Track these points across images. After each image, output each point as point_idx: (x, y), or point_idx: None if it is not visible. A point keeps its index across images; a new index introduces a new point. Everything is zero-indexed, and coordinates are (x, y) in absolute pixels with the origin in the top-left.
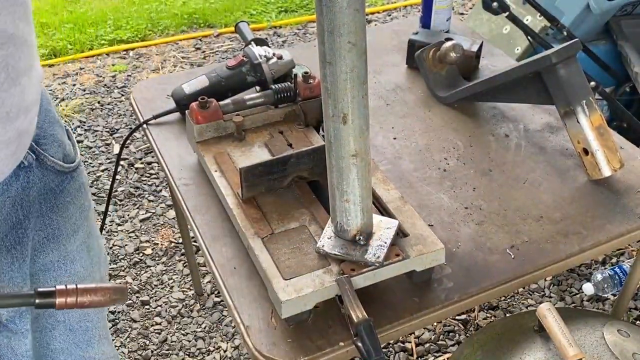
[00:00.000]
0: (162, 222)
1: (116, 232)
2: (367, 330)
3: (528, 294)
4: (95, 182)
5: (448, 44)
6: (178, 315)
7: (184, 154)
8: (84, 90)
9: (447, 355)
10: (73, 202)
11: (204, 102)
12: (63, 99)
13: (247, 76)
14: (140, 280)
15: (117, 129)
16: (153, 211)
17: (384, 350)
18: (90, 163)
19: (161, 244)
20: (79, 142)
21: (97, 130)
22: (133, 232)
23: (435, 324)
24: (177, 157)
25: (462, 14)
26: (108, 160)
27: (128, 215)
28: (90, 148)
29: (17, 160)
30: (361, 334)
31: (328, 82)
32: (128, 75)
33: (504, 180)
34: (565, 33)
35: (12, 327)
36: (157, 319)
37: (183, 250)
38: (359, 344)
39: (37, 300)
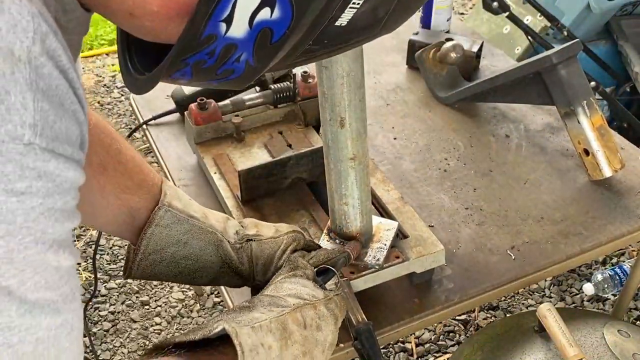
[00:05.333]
0: None
1: None
2: (366, 334)
3: (528, 294)
4: None
5: (448, 44)
6: (178, 315)
7: (184, 154)
8: (84, 90)
9: (447, 355)
10: None
11: (203, 103)
12: None
13: None
14: (140, 280)
15: (117, 129)
16: None
17: (383, 350)
18: None
19: None
20: None
21: None
22: None
23: (435, 324)
24: (176, 157)
25: (462, 14)
26: None
27: None
28: None
29: None
30: (360, 337)
31: (325, 86)
32: None
33: (504, 181)
34: (565, 33)
35: None
36: (157, 319)
37: None
38: (359, 347)
39: None
